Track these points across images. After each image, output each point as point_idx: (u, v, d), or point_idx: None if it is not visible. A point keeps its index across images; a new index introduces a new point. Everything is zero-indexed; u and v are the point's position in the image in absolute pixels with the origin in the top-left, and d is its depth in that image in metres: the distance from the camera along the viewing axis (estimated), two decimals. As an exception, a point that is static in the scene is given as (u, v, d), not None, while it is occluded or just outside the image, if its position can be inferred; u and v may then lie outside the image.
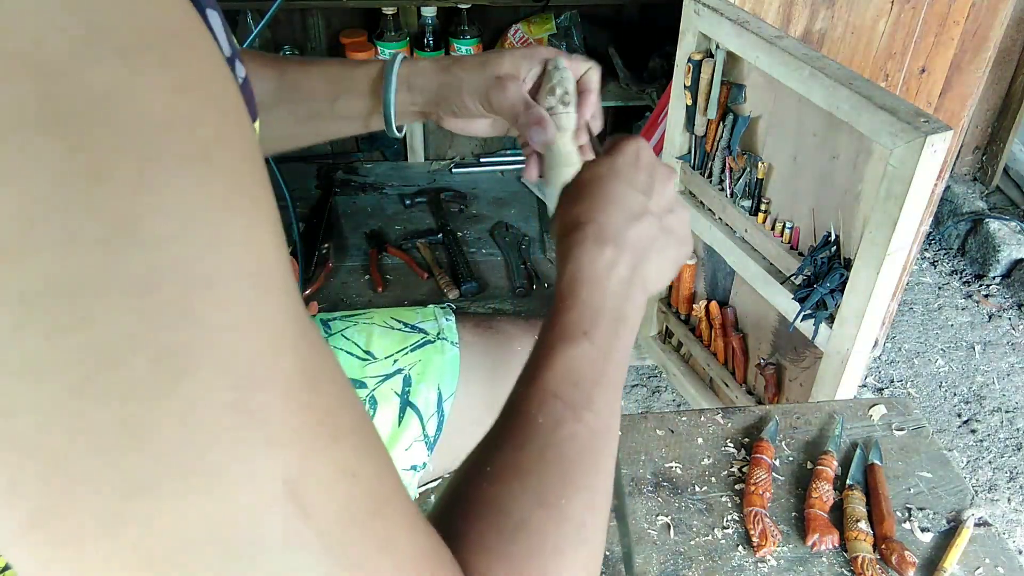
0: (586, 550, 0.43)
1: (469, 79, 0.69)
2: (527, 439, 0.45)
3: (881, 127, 1.05)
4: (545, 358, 0.49)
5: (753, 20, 1.26)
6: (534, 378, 0.48)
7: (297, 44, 2.28)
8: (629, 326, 0.53)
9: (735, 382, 1.62)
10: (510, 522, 0.41)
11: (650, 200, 0.56)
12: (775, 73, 1.21)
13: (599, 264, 0.52)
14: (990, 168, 2.33)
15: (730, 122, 1.37)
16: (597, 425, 0.47)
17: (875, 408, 0.97)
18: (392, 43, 2.13)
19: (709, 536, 0.82)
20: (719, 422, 0.95)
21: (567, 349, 0.49)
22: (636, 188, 0.56)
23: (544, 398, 0.46)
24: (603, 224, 0.54)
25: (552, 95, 0.69)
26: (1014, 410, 1.86)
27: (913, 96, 1.55)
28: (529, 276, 1.96)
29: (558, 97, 0.69)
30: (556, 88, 0.69)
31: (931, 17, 1.45)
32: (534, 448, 0.44)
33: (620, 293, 0.53)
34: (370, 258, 2.05)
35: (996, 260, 2.18)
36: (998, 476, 1.71)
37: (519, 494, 0.42)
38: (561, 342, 0.49)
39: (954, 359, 1.99)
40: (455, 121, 0.73)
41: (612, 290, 0.52)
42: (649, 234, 0.55)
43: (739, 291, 1.55)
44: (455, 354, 0.84)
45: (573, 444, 0.45)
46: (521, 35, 2.22)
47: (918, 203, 1.07)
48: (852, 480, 0.86)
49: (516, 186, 2.29)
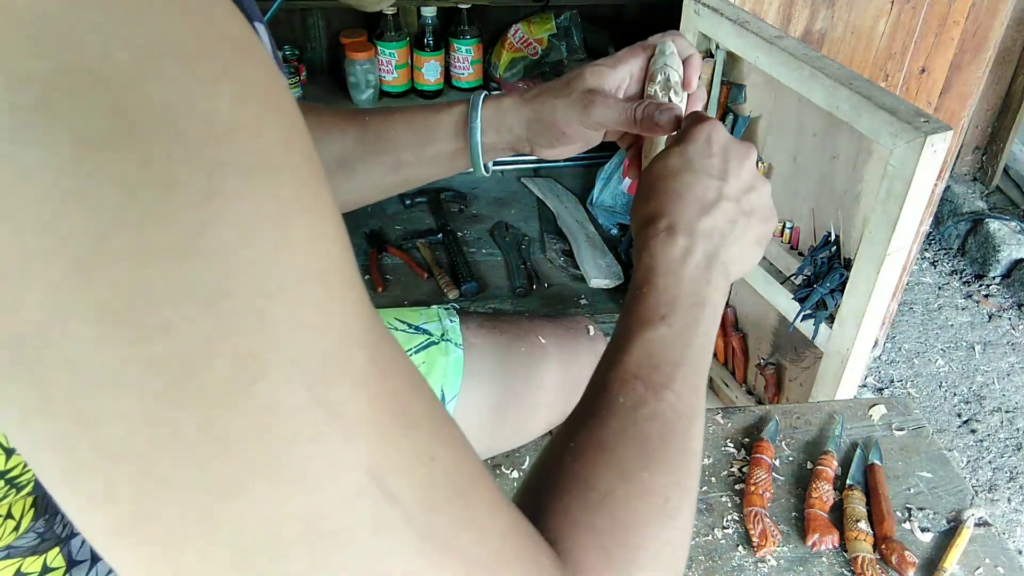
0: (673, 525, 0.43)
1: (560, 106, 0.68)
2: (609, 417, 0.45)
3: (881, 127, 1.05)
4: (624, 342, 0.50)
5: (753, 20, 1.26)
6: (615, 361, 0.49)
7: (297, 44, 2.28)
8: (710, 310, 0.53)
9: (735, 382, 1.62)
10: (595, 494, 0.41)
11: (726, 184, 0.57)
12: (775, 73, 1.21)
13: (673, 254, 0.53)
14: (990, 168, 2.33)
15: (730, 122, 1.37)
16: (679, 406, 0.47)
17: (875, 408, 0.97)
18: (392, 43, 2.13)
19: (709, 536, 0.82)
20: (719, 422, 0.95)
21: (645, 333, 0.49)
22: (710, 174, 0.56)
23: (625, 379, 0.47)
24: (674, 219, 0.54)
25: (653, 82, 0.67)
26: (1014, 410, 1.86)
27: (913, 96, 1.55)
28: (529, 276, 1.96)
29: (659, 84, 0.67)
30: (657, 75, 0.67)
31: (931, 17, 1.45)
32: (616, 426, 0.45)
33: (697, 278, 0.53)
34: (370, 258, 2.05)
35: (996, 260, 2.18)
36: (998, 476, 1.71)
37: (602, 468, 0.43)
38: (639, 327, 0.50)
39: (954, 359, 1.99)
40: (551, 151, 0.72)
41: (688, 276, 0.53)
42: (727, 219, 0.56)
43: (739, 291, 1.55)
44: (459, 355, 0.84)
45: (655, 423, 0.46)
46: (521, 35, 2.22)
47: (918, 203, 1.07)
48: (852, 480, 0.86)
49: (516, 186, 2.29)
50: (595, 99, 0.67)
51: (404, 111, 0.75)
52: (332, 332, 0.28)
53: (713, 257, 0.54)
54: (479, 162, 0.73)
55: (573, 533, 0.39)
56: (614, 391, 0.47)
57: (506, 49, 2.23)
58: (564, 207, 2.15)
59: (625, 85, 0.71)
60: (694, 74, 0.70)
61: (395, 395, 0.30)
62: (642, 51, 0.71)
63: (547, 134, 0.70)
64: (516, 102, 0.71)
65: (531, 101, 0.70)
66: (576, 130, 0.69)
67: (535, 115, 0.70)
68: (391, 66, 2.17)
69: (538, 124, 0.70)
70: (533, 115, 0.70)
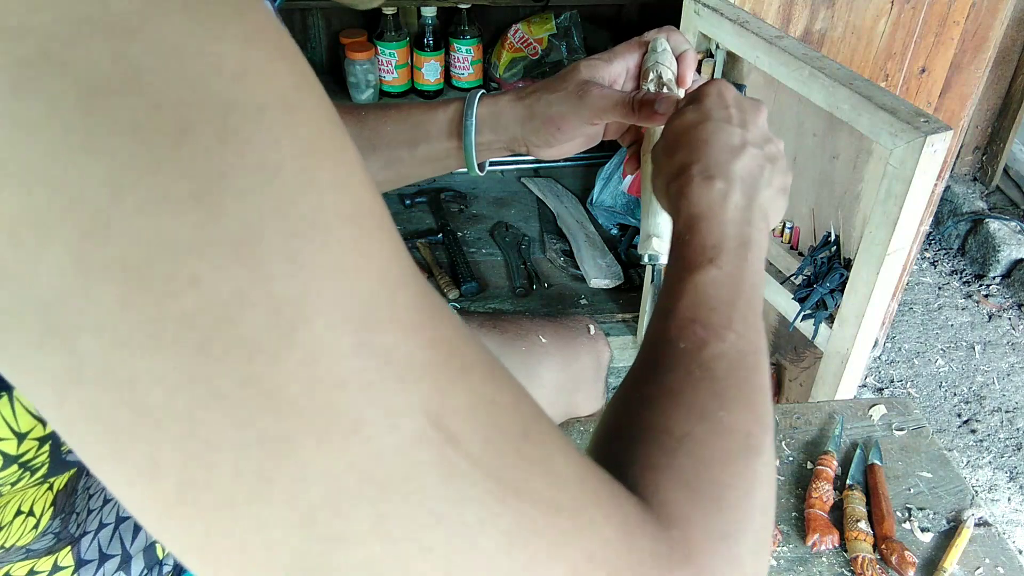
0: (758, 460, 0.41)
1: (556, 100, 0.67)
2: (674, 364, 0.44)
3: (881, 127, 1.05)
4: (675, 289, 0.48)
5: (753, 20, 1.26)
6: (669, 309, 0.47)
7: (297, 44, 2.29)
8: (756, 250, 0.52)
9: (735, 382, 1.62)
10: (672, 439, 0.39)
11: (748, 132, 0.56)
12: (775, 73, 1.21)
13: (712, 196, 0.52)
14: (990, 168, 2.33)
15: (730, 122, 1.37)
16: (741, 344, 0.46)
17: (875, 408, 0.97)
18: (392, 43, 2.13)
19: (709, 536, 0.82)
20: (719, 422, 0.95)
21: (695, 276, 0.48)
22: (731, 123, 0.56)
23: (682, 325, 0.46)
24: (706, 163, 0.54)
25: (647, 80, 0.66)
26: (1014, 410, 1.86)
27: (913, 96, 1.55)
28: (529, 276, 1.96)
29: (653, 82, 0.66)
30: (650, 72, 0.66)
31: (931, 17, 1.45)
32: (681, 371, 0.43)
33: (740, 220, 0.52)
34: (370, 258, 2.05)
35: (996, 260, 2.18)
36: (998, 476, 1.71)
37: (676, 412, 0.41)
38: (688, 272, 0.49)
39: (954, 359, 1.99)
40: (548, 150, 0.70)
41: (731, 218, 0.52)
42: (756, 164, 0.55)
43: (739, 291, 1.55)
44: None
45: (721, 362, 0.44)
46: (521, 35, 2.22)
47: (918, 203, 1.07)
48: (852, 480, 0.86)
49: (516, 186, 2.29)
50: (591, 89, 0.66)
51: (400, 108, 0.74)
52: (372, 274, 0.27)
53: (752, 199, 0.54)
54: (473, 162, 0.71)
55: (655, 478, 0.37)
56: (672, 338, 0.45)
57: (506, 49, 2.23)
58: (564, 207, 2.15)
59: (621, 80, 0.70)
60: (689, 70, 0.69)
61: (447, 339, 0.29)
62: (638, 46, 0.70)
63: (543, 131, 0.68)
64: (512, 100, 0.70)
65: (526, 98, 0.69)
66: (572, 124, 0.67)
67: (530, 112, 0.68)
68: (391, 66, 2.17)
69: (533, 122, 0.68)
70: (528, 112, 0.68)
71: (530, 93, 0.69)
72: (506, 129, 0.70)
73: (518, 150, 0.72)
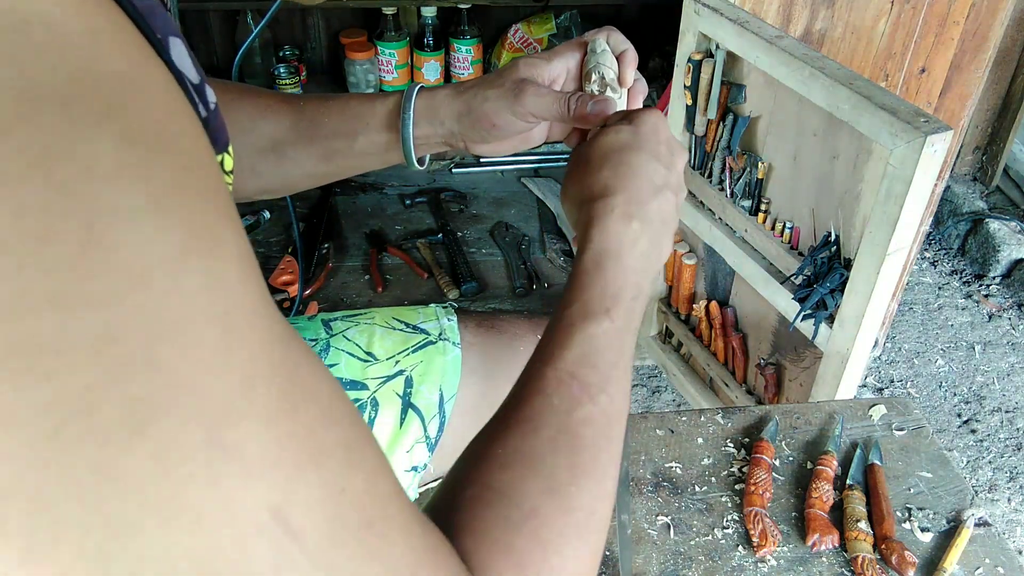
0: (593, 539, 0.43)
1: (492, 96, 0.66)
2: (541, 422, 0.44)
3: (881, 127, 1.05)
4: (565, 336, 0.48)
5: (753, 20, 1.26)
6: (552, 356, 0.47)
7: (297, 44, 2.28)
8: (644, 302, 0.52)
9: (735, 382, 1.62)
10: (519, 513, 0.40)
11: (669, 173, 0.56)
12: (775, 73, 1.21)
13: (625, 238, 0.52)
14: (990, 168, 2.33)
15: (730, 122, 1.37)
16: (611, 409, 0.46)
17: (875, 408, 0.97)
18: (392, 43, 2.13)
19: (709, 536, 0.82)
20: (719, 422, 0.95)
21: (588, 327, 0.48)
22: (659, 161, 0.56)
23: (561, 378, 0.46)
24: (631, 196, 0.53)
25: (589, 81, 0.66)
26: (1014, 410, 1.86)
27: (913, 96, 1.55)
28: (529, 276, 1.96)
29: (596, 83, 0.65)
30: (592, 74, 0.66)
31: (931, 17, 1.45)
32: (548, 432, 0.44)
33: (640, 268, 0.52)
34: (370, 258, 2.05)
35: (996, 260, 2.18)
36: (998, 476, 1.71)
37: (529, 482, 0.42)
38: (582, 320, 0.49)
39: (954, 359, 1.99)
40: (484, 146, 0.70)
41: (633, 265, 0.52)
42: (668, 209, 0.55)
43: (739, 291, 1.55)
44: (457, 355, 0.84)
45: (587, 428, 0.44)
46: (521, 35, 2.22)
47: (918, 203, 1.07)
48: (852, 480, 0.86)
49: (516, 186, 2.29)
50: (526, 88, 0.65)
51: (340, 99, 0.73)
52: (234, 373, 0.28)
53: (655, 245, 0.54)
54: (412, 155, 0.70)
55: (491, 552, 0.39)
56: (549, 391, 0.45)
57: (506, 49, 2.23)
58: (564, 207, 2.15)
59: (561, 80, 0.69)
60: (629, 69, 0.68)
61: (307, 427, 0.30)
62: (578, 47, 0.69)
63: (478, 127, 0.67)
64: (450, 95, 0.69)
65: (464, 93, 0.68)
66: (507, 121, 0.66)
67: (466, 108, 0.67)
68: (391, 66, 2.17)
69: (469, 117, 0.67)
70: (465, 107, 0.68)
71: (468, 88, 0.68)
72: (443, 123, 0.69)
73: (456, 145, 0.71)
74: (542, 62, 0.67)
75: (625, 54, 0.68)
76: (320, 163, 0.72)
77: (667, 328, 1.80)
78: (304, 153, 0.72)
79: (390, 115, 0.70)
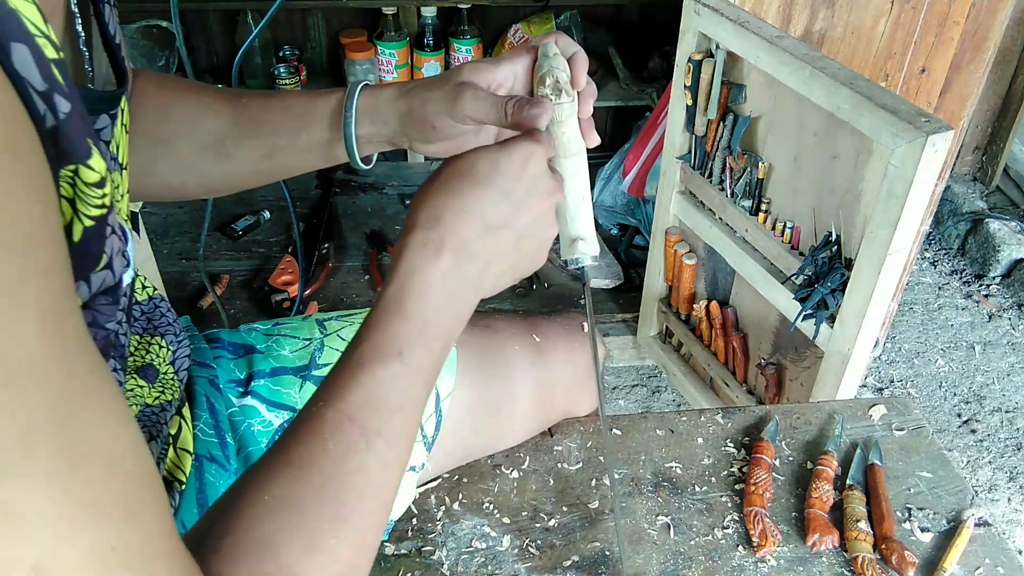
0: None
1: (432, 98, 0.65)
2: (312, 469, 0.44)
3: (882, 127, 1.05)
4: (351, 376, 0.47)
5: (753, 20, 1.26)
6: (334, 397, 0.47)
7: (297, 44, 2.28)
8: (448, 342, 0.51)
9: (735, 382, 1.62)
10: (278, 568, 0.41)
11: (518, 214, 0.54)
12: (775, 73, 1.21)
13: (432, 274, 0.50)
14: (990, 168, 2.33)
15: (730, 122, 1.37)
16: (388, 455, 0.46)
17: (875, 408, 0.97)
18: (392, 43, 2.13)
19: (709, 536, 0.82)
20: (719, 422, 0.95)
21: (376, 370, 0.47)
22: (507, 199, 0.54)
23: (340, 421, 0.45)
24: (452, 231, 0.52)
25: (543, 85, 0.65)
26: (1014, 410, 1.86)
27: (913, 96, 1.55)
28: (529, 276, 1.96)
29: (549, 87, 0.65)
30: (546, 78, 0.65)
31: (931, 17, 1.45)
32: (317, 479, 0.44)
33: (446, 307, 0.51)
34: (370, 258, 2.05)
35: (996, 260, 2.18)
36: (998, 476, 1.71)
37: (290, 535, 0.42)
38: (371, 360, 0.48)
39: (954, 359, 1.99)
40: (429, 147, 0.69)
41: (439, 304, 0.50)
42: (501, 248, 0.54)
43: (739, 291, 1.55)
44: (453, 354, 0.84)
45: (358, 478, 0.45)
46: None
47: (919, 203, 1.07)
48: (852, 480, 0.86)
49: (516, 186, 2.29)
50: (465, 91, 0.64)
51: (284, 96, 0.72)
52: (11, 434, 0.28)
53: (468, 286, 0.52)
54: (355, 154, 0.69)
55: None
56: (326, 434, 0.45)
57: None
58: (564, 207, 2.15)
59: (508, 85, 0.67)
60: (581, 71, 0.67)
61: (87, 484, 0.31)
62: (527, 52, 0.68)
63: (419, 128, 0.67)
64: (393, 94, 0.68)
65: (407, 94, 0.67)
66: (446, 124, 0.65)
67: (408, 108, 0.67)
68: (391, 66, 2.17)
69: (410, 117, 0.67)
70: (406, 108, 0.67)
71: (411, 89, 0.68)
72: (386, 123, 0.68)
73: (402, 145, 0.70)
74: (488, 66, 0.66)
75: (575, 56, 0.68)
76: (263, 160, 0.71)
77: (667, 328, 1.80)
78: (247, 150, 0.71)
79: (333, 113, 0.69)
